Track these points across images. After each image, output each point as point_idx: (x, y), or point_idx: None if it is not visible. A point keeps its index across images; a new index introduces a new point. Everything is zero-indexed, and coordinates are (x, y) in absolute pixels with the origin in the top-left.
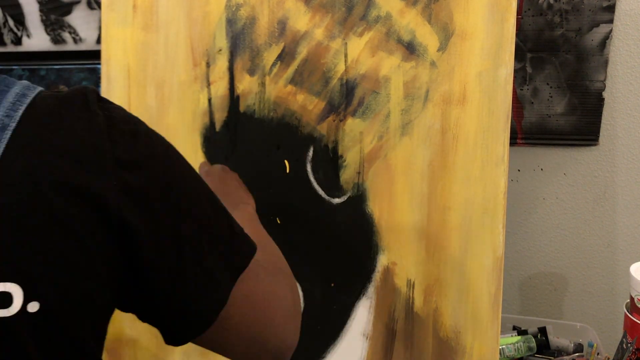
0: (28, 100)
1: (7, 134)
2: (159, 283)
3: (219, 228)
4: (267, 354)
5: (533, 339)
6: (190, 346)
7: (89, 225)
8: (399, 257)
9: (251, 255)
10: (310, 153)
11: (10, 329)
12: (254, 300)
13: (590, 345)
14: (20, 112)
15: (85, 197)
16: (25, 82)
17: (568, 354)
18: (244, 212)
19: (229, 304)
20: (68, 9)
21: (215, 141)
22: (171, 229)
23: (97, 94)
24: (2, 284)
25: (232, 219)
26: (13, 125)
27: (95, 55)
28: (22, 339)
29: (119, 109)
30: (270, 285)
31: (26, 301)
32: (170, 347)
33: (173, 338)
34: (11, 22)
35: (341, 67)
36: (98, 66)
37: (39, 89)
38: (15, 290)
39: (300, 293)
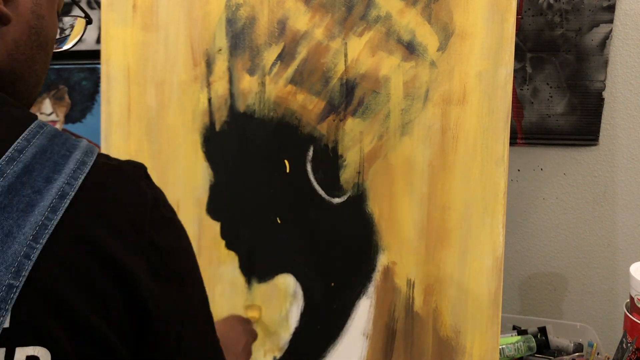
0: (87, 168)
1: (66, 203)
2: None
3: (211, 338)
4: None
5: (533, 339)
6: None
7: (119, 301)
8: (399, 256)
9: None
10: (310, 153)
11: None
12: None
13: (590, 345)
14: (79, 181)
15: (120, 272)
16: (83, 145)
17: (568, 353)
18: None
19: None
20: (67, 9)
21: (215, 141)
22: (173, 345)
23: (146, 170)
24: (32, 347)
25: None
26: (72, 194)
27: (95, 55)
28: None
29: (161, 192)
30: None
31: None
32: None
33: None
34: None
35: (341, 67)
36: (98, 66)
37: (95, 153)
38: (43, 355)
39: (301, 292)
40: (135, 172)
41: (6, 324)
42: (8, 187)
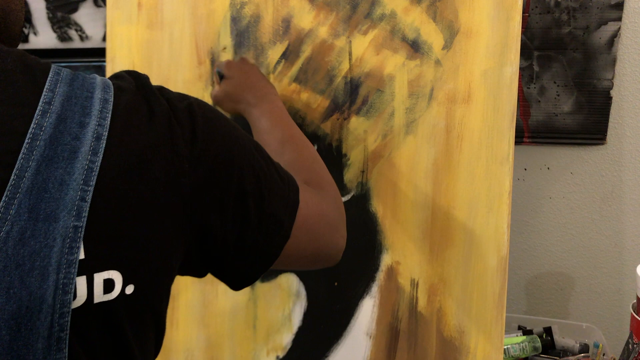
0: (110, 106)
1: (103, 144)
2: (231, 236)
3: (271, 175)
4: (322, 261)
5: (538, 339)
6: (193, 343)
7: (171, 207)
8: (402, 256)
9: (297, 191)
10: None
11: (112, 311)
12: (307, 226)
13: (596, 346)
14: (108, 120)
15: (167, 180)
16: (99, 82)
17: (574, 354)
18: (274, 105)
19: (290, 237)
20: (74, 7)
21: None
22: (236, 190)
23: (148, 78)
24: (107, 272)
25: (276, 165)
26: (106, 134)
27: (101, 52)
28: (121, 319)
29: (167, 89)
30: (316, 205)
31: (125, 285)
32: (174, 346)
33: (242, 281)
34: None
35: (345, 66)
36: (104, 64)
37: (112, 86)
38: (117, 277)
39: (304, 292)
40: (143, 89)
41: (81, 256)
42: (49, 139)
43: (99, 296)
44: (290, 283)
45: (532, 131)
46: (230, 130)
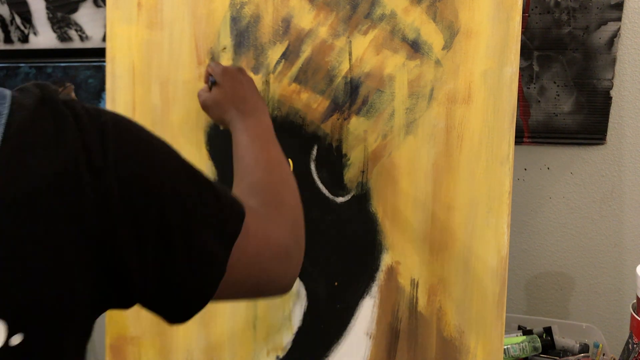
0: (4, 120)
1: None
2: (154, 274)
3: (205, 204)
4: (269, 291)
5: (538, 339)
6: (193, 343)
7: (73, 245)
8: (403, 256)
9: (241, 219)
10: (314, 152)
11: None
12: (247, 257)
13: (596, 346)
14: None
15: (64, 212)
16: None
17: (574, 354)
18: (259, 121)
19: (227, 271)
20: (74, 7)
21: (219, 139)
22: (156, 221)
23: (58, 91)
24: None
25: (215, 187)
26: None
27: (101, 53)
28: None
29: (80, 104)
30: (264, 231)
31: (10, 335)
32: (174, 346)
33: (176, 318)
34: (18, 20)
35: (345, 66)
36: (104, 64)
37: (9, 98)
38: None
39: (304, 292)
40: (48, 102)
41: None
42: None
43: None
44: None
45: (532, 131)
46: (154, 154)
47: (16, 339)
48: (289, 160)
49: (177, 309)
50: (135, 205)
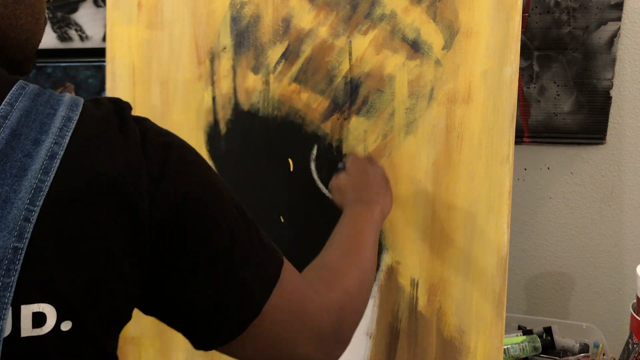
0: (73, 125)
1: (57, 163)
2: (192, 294)
3: (249, 240)
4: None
5: (538, 339)
6: None
7: (122, 245)
8: (403, 256)
9: (280, 266)
10: (314, 151)
11: (44, 347)
12: (280, 313)
13: (596, 346)
14: (67, 139)
15: (119, 213)
16: (67, 100)
17: (574, 354)
18: (365, 212)
19: (262, 314)
20: (74, 7)
21: (219, 139)
22: (203, 241)
23: (130, 107)
24: (37, 305)
25: (260, 230)
26: (62, 153)
27: (101, 53)
28: (53, 357)
29: (150, 122)
30: (302, 300)
31: (59, 320)
32: (174, 346)
33: (201, 344)
34: None
35: (345, 66)
36: (104, 64)
37: (81, 106)
38: (49, 311)
39: None
40: (119, 115)
41: (14, 284)
42: None
43: (27, 330)
44: None
45: (532, 131)
46: (211, 180)
47: (66, 325)
48: (289, 160)
49: (206, 335)
50: (187, 221)
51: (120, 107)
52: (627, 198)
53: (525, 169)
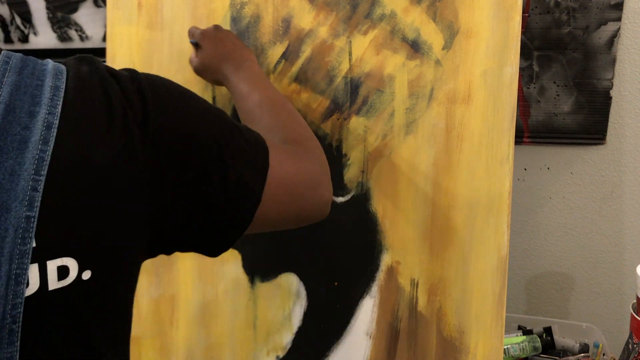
0: (62, 94)
1: (54, 132)
2: (195, 207)
3: (234, 141)
4: (308, 218)
5: (538, 339)
6: (193, 343)
7: (128, 188)
8: (402, 256)
9: (267, 153)
10: None
11: (69, 297)
12: (282, 187)
13: (596, 346)
14: (59, 108)
15: (120, 161)
16: (51, 67)
17: (574, 354)
18: (251, 71)
19: (262, 200)
20: (74, 7)
21: None
22: (197, 164)
23: (100, 62)
24: (60, 259)
25: (239, 126)
26: (57, 122)
27: (101, 53)
28: (79, 304)
29: (120, 72)
30: (292, 163)
31: (81, 271)
32: (174, 346)
33: (216, 248)
34: (18, 20)
35: (345, 66)
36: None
37: (64, 73)
38: (72, 264)
39: (304, 291)
40: (96, 72)
41: (33, 244)
42: None
43: (54, 283)
44: (290, 283)
45: (532, 131)
46: (185, 103)
47: (86, 274)
48: None
49: (217, 238)
50: (175, 150)
51: (96, 67)
52: (627, 198)
53: (525, 169)
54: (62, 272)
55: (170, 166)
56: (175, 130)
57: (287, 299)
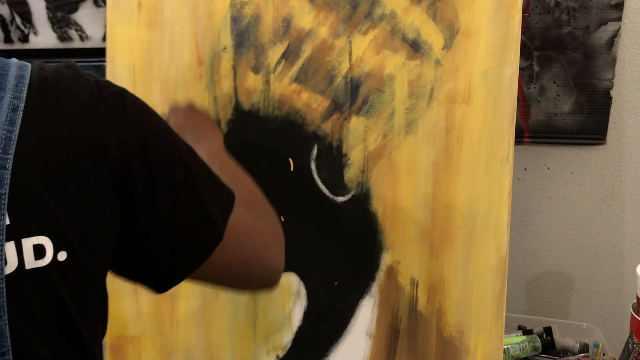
0: (27, 81)
1: (20, 114)
2: (159, 226)
3: (203, 176)
4: (254, 280)
5: (538, 339)
6: (193, 343)
7: (99, 177)
8: (402, 256)
9: (234, 196)
10: (315, 151)
11: (46, 277)
12: (240, 235)
13: (596, 346)
14: (25, 93)
15: (93, 149)
16: (15, 62)
17: (574, 354)
18: (207, 147)
19: (222, 239)
20: (74, 7)
21: None
22: (166, 176)
23: (79, 67)
24: (36, 237)
25: (210, 169)
26: (22, 105)
27: (101, 52)
28: (56, 286)
29: (99, 77)
30: (251, 219)
31: (56, 251)
32: (174, 346)
33: (167, 280)
34: (18, 20)
35: (345, 66)
36: (104, 64)
37: (29, 66)
38: (47, 242)
39: (304, 291)
40: (71, 68)
41: (7, 222)
42: None
43: (31, 262)
44: (290, 282)
45: (532, 131)
46: (163, 123)
47: (62, 255)
48: (289, 160)
49: (172, 266)
50: (149, 154)
51: (71, 63)
52: (627, 198)
53: (525, 169)
54: (38, 251)
55: (142, 167)
56: (150, 140)
57: (287, 299)
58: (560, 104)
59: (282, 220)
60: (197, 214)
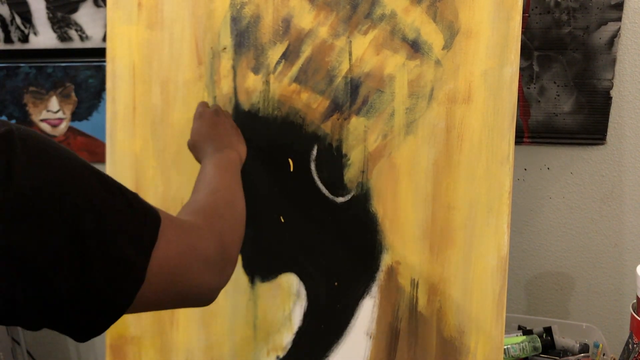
0: None
1: None
2: (68, 284)
3: (118, 210)
4: (190, 301)
5: (538, 339)
6: (193, 343)
7: None
8: (403, 256)
9: (157, 226)
10: (315, 152)
11: None
12: (167, 266)
13: (596, 346)
14: None
15: None
16: None
17: (574, 354)
18: (223, 158)
19: (146, 279)
20: (74, 7)
21: None
22: (70, 231)
23: None
24: None
25: (128, 195)
26: None
27: (101, 53)
28: None
29: (10, 128)
30: (184, 239)
31: None
32: (174, 346)
33: (86, 333)
34: (18, 20)
35: (345, 66)
36: (104, 64)
37: None
38: None
39: (304, 292)
40: None
41: None
42: None
43: None
44: (290, 283)
45: (532, 131)
46: (62, 162)
47: None
48: (289, 160)
49: (89, 321)
50: (44, 215)
51: None
52: (627, 198)
53: (525, 169)
54: None
55: (38, 235)
56: (45, 193)
57: (287, 299)
58: (560, 104)
59: (282, 220)
60: (111, 260)
